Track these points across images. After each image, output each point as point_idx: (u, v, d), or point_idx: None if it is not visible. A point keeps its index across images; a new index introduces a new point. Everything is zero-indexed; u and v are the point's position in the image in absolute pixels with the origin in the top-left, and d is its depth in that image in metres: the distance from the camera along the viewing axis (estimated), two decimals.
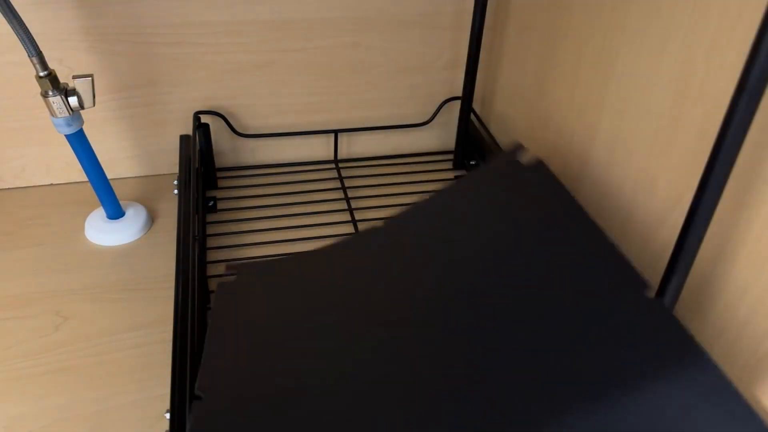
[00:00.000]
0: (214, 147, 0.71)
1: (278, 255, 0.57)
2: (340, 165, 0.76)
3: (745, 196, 0.37)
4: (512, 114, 0.70)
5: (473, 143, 0.75)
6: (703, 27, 0.39)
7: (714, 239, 0.39)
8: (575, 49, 0.54)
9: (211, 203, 0.68)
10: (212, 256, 0.61)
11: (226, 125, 0.71)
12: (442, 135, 0.80)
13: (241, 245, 0.63)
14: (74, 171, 0.71)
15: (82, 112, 0.55)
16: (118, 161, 0.72)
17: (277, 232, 0.64)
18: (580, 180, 0.55)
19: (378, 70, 0.73)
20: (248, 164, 0.75)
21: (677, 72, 0.42)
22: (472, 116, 0.74)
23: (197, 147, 0.67)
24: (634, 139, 0.47)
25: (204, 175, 0.70)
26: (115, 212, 0.65)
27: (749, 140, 0.36)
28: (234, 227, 0.65)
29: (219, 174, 0.73)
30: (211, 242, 0.63)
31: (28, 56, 0.50)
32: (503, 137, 0.72)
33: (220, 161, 0.74)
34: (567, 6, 0.55)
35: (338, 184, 0.72)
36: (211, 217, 0.67)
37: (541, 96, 0.62)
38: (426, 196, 0.53)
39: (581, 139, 0.55)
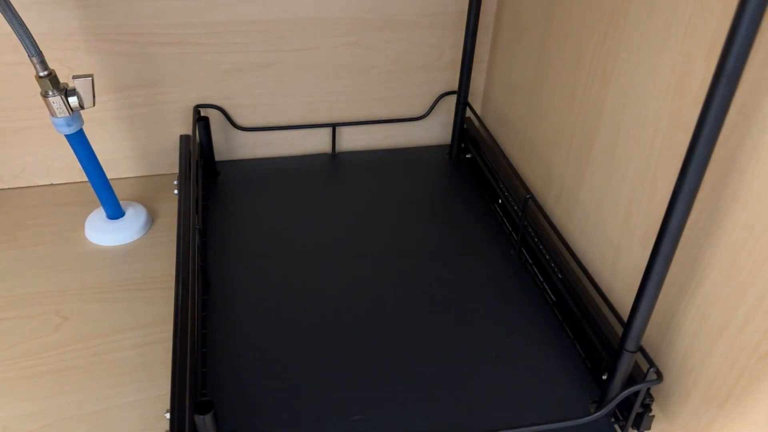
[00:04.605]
0: (213, 142, 0.71)
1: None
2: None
3: (745, 196, 0.37)
4: (511, 112, 0.70)
5: (471, 139, 0.75)
6: (703, 27, 0.39)
7: (713, 239, 0.40)
8: (575, 49, 0.54)
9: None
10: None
11: (225, 120, 0.71)
12: (441, 130, 0.80)
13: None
14: (74, 171, 0.71)
15: (82, 112, 0.55)
16: (118, 161, 0.72)
17: None
18: (581, 179, 0.55)
19: (378, 70, 0.73)
20: (247, 158, 0.76)
21: (677, 72, 0.42)
22: (471, 114, 0.75)
23: (197, 140, 0.67)
24: (634, 139, 0.47)
25: (204, 169, 0.70)
26: (115, 212, 0.65)
27: (747, 149, 0.36)
28: None
29: (218, 168, 0.73)
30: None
31: (29, 56, 0.50)
32: (502, 134, 0.72)
33: (219, 156, 0.74)
34: (567, 6, 0.55)
35: None
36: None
37: (541, 95, 0.62)
38: None
39: (581, 138, 0.55)
